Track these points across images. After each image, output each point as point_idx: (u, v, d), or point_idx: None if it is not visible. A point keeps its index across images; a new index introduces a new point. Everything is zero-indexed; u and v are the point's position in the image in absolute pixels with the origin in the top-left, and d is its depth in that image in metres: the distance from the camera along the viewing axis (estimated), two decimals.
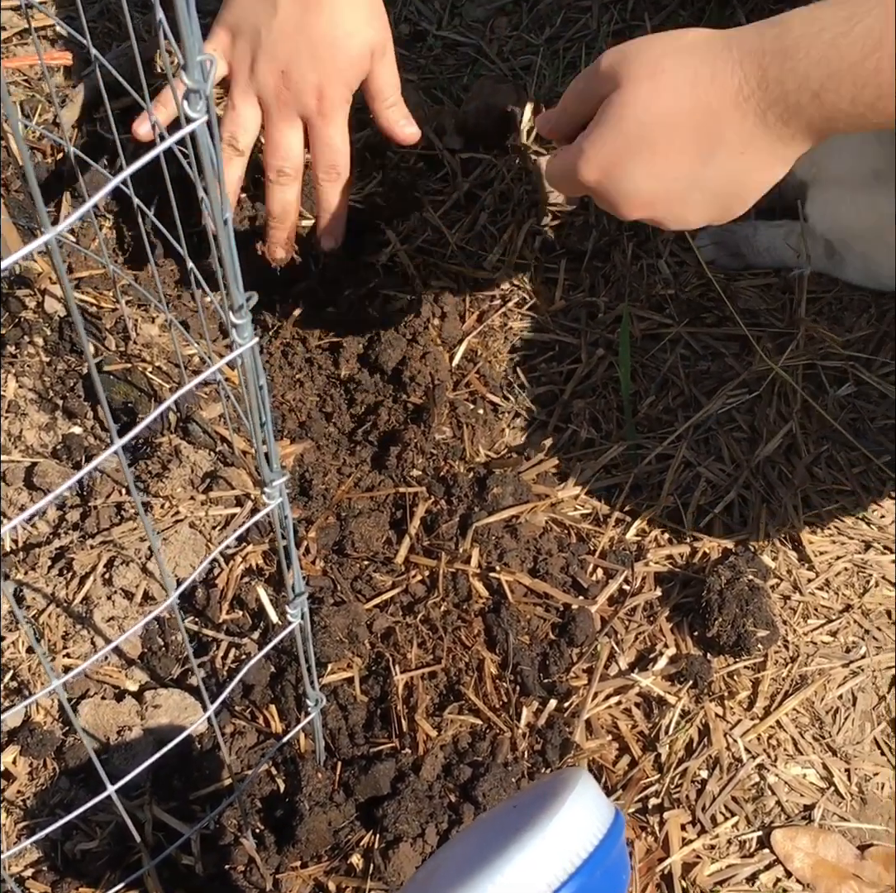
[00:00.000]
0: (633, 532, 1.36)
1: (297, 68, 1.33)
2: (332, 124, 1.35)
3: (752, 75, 0.92)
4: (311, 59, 1.33)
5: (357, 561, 1.32)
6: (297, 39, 1.32)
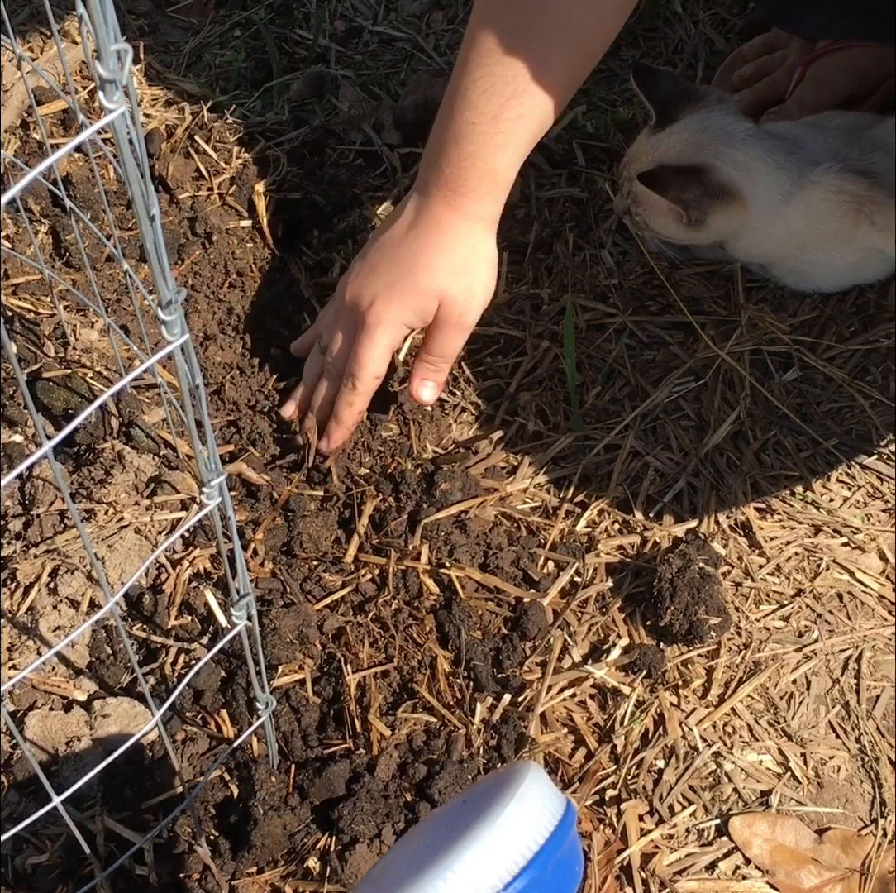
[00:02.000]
0: (584, 523, 1.36)
1: (368, 273, 1.32)
2: (367, 336, 1.32)
3: None
4: (383, 273, 1.31)
5: (306, 561, 1.31)
6: (387, 252, 1.32)
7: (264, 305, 1.52)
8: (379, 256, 1.33)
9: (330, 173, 1.61)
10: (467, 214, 1.29)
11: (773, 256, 1.50)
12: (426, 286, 1.29)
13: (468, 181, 1.27)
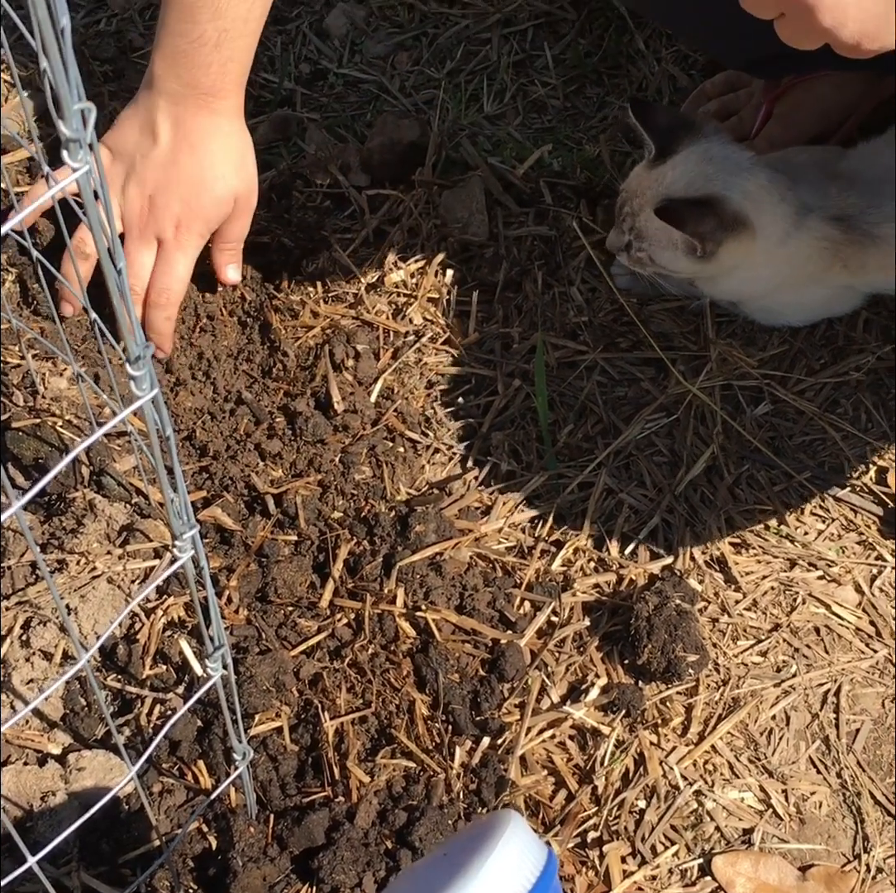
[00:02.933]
0: (559, 563, 1.36)
1: (163, 198, 1.42)
2: (181, 253, 1.44)
3: None
4: (178, 193, 1.42)
5: (281, 607, 1.30)
6: (169, 172, 1.42)
7: (235, 348, 1.51)
8: (160, 175, 1.42)
9: (298, 216, 1.61)
10: (229, 113, 1.43)
11: (750, 295, 1.51)
12: (222, 194, 1.43)
13: (227, 84, 1.41)
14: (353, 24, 1.86)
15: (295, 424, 1.43)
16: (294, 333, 1.53)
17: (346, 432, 1.44)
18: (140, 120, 1.43)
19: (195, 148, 1.41)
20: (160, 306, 1.44)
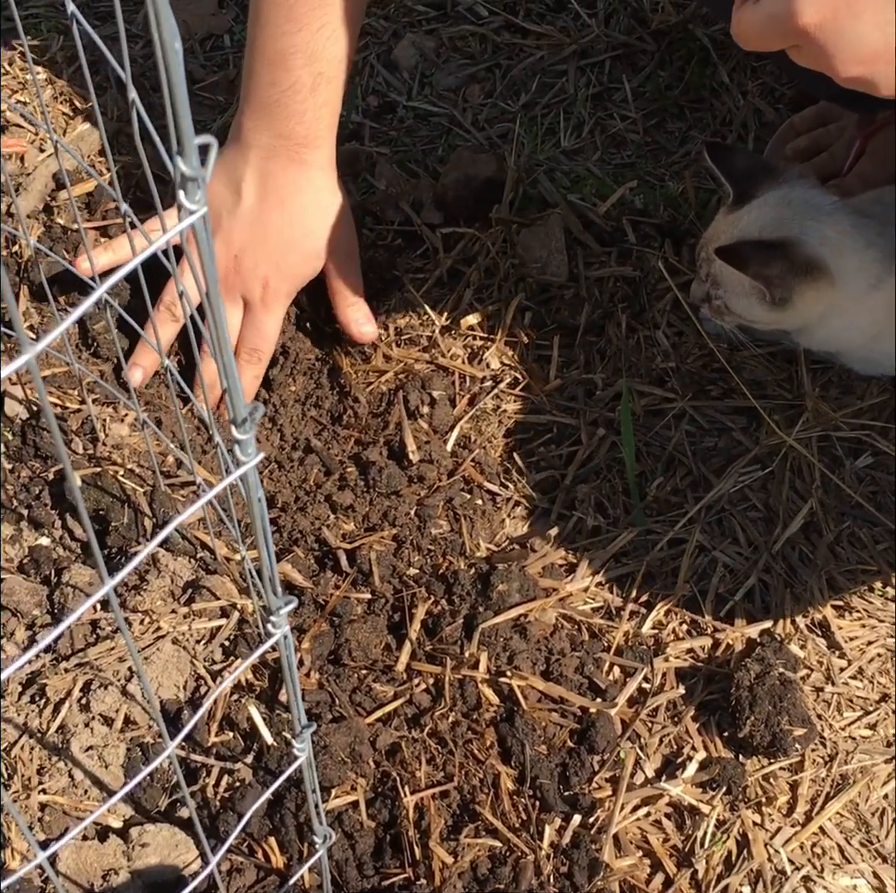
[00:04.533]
0: (650, 625, 1.30)
1: (251, 257, 1.40)
2: (269, 313, 1.43)
3: None
4: (265, 252, 1.40)
5: (355, 671, 1.25)
6: (256, 230, 1.40)
7: (303, 394, 1.47)
8: (247, 234, 1.40)
9: (368, 255, 1.56)
10: (321, 164, 1.41)
11: (847, 345, 1.45)
12: (311, 250, 1.42)
13: (321, 131, 1.38)
14: (423, 56, 1.82)
15: (368, 474, 1.38)
16: (365, 378, 1.48)
17: (421, 484, 1.39)
18: (227, 175, 1.40)
19: (284, 204, 1.39)
20: (251, 365, 1.43)
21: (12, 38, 1.73)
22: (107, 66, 1.71)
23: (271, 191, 1.39)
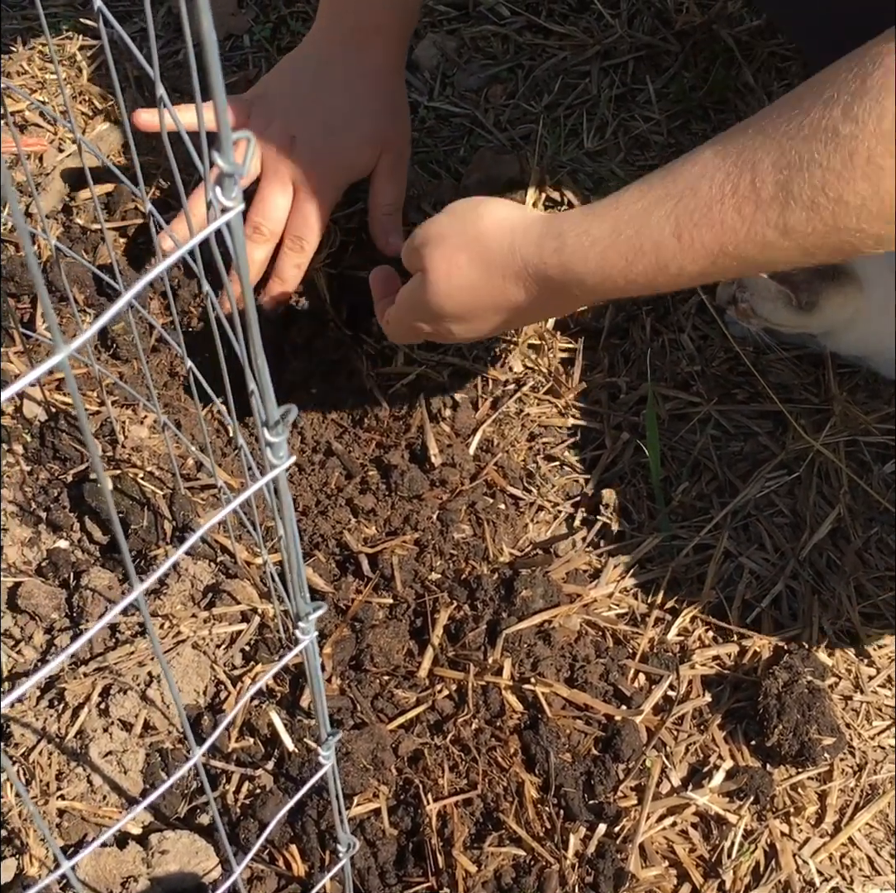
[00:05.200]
0: (675, 632, 1.29)
1: (304, 135, 1.39)
2: (317, 201, 1.40)
3: (538, 283, 1.11)
4: (319, 130, 1.39)
5: (377, 677, 1.24)
6: (314, 110, 1.39)
7: (323, 397, 1.46)
8: (303, 113, 1.40)
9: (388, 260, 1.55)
10: (388, 52, 1.42)
11: (876, 349, 1.43)
12: (369, 136, 1.42)
13: (391, 23, 1.41)
14: (444, 56, 1.81)
15: (389, 478, 1.37)
16: (386, 380, 1.47)
17: (443, 488, 1.38)
18: (294, 66, 1.43)
19: (346, 86, 1.40)
20: (293, 252, 1.42)
21: (31, 37, 1.73)
22: (125, 66, 1.70)
23: (332, 75, 1.40)
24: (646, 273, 1.04)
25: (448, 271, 1.15)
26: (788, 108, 0.94)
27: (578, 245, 1.07)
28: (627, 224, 1.03)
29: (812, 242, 0.96)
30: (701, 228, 0.99)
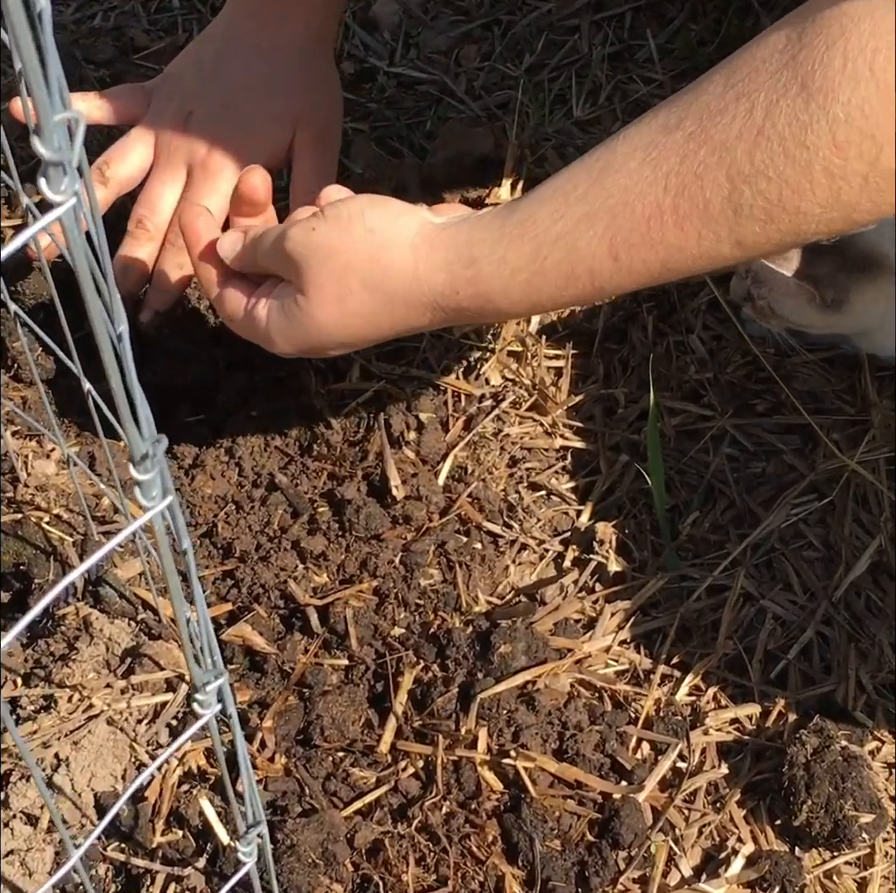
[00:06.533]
0: (685, 691, 1.30)
1: (204, 115, 1.40)
2: (211, 185, 1.40)
3: (448, 313, 1.13)
4: (222, 108, 1.40)
5: (329, 753, 1.24)
6: (213, 83, 1.41)
7: (266, 420, 1.46)
8: (208, 89, 1.42)
9: None
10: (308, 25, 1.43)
11: None
12: (275, 112, 1.42)
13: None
14: (408, 13, 1.82)
15: (343, 515, 1.38)
16: (339, 399, 1.48)
17: (407, 525, 1.38)
18: (199, 45, 1.46)
19: (251, 60, 1.42)
20: (176, 248, 1.41)
21: None
22: None
23: (240, 48, 1.42)
24: (580, 296, 1.10)
25: (339, 295, 1.15)
26: (722, 107, 0.98)
27: (497, 275, 1.09)
28: (553, 247, 1.06)
29: (769, 249, 1.03)
30: (639, 249, 1.03)
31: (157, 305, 1.44)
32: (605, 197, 1.04)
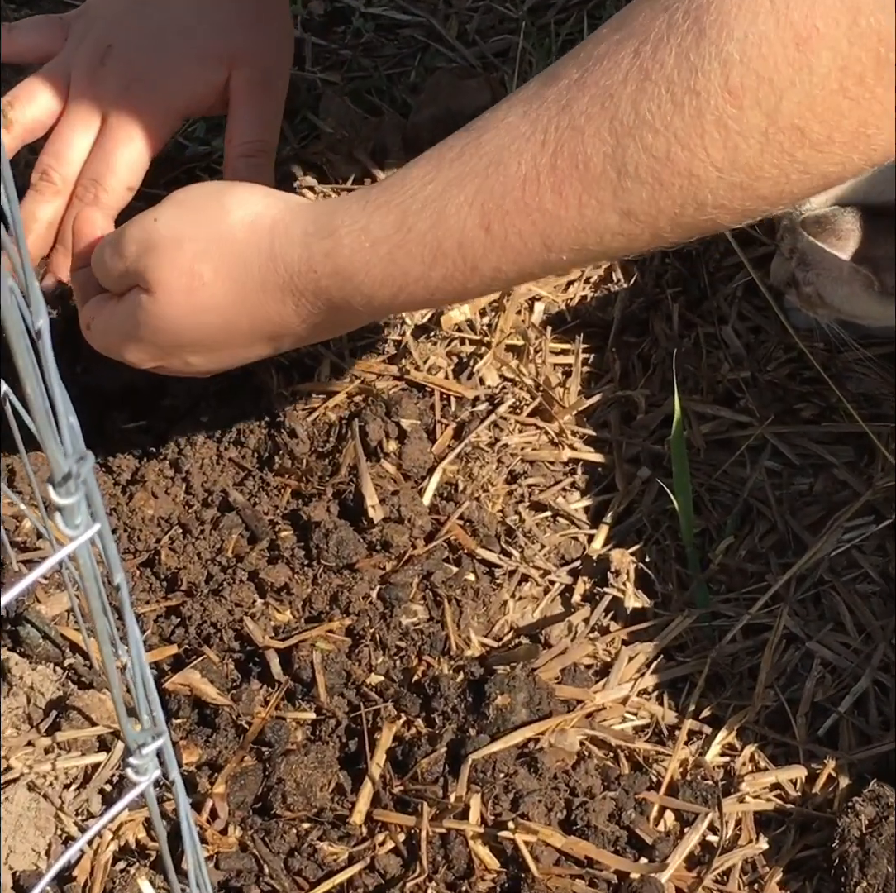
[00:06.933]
0: (717, 751, 1.30)
1: (124, 50, 1.41)
2: (127, 134, 1.40)
3: (310, 297, 1.15)
4: (145, 43, 1.41)
5: (292, 824, 1.25)
6: (139, 18, 1.42)
7: (218, 427, 1.46)
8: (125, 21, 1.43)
9: None
10: None
11: None
12: (203, 49, 1.42)
13: None
14: None
15: (310, 540, 1.39)
16: (306, 402, 1.49)
17: (386, 553, 1.39)
18: None
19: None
20: (86, 203, 1.41)
21: None
22: None
23: None
24: (453, 279, 1.09)
25: (187, 288, 1.16)
26: (610, 51, 0.98)
27: (357, 248, 1.10)
28: (419, 215, 1.07)
29: (663, 224, 1.00)
30: (514, 217, 1.03)
31: (62, 272, 1.44)
32: (479, 156, 1.03)
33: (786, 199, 1.00)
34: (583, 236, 1.02)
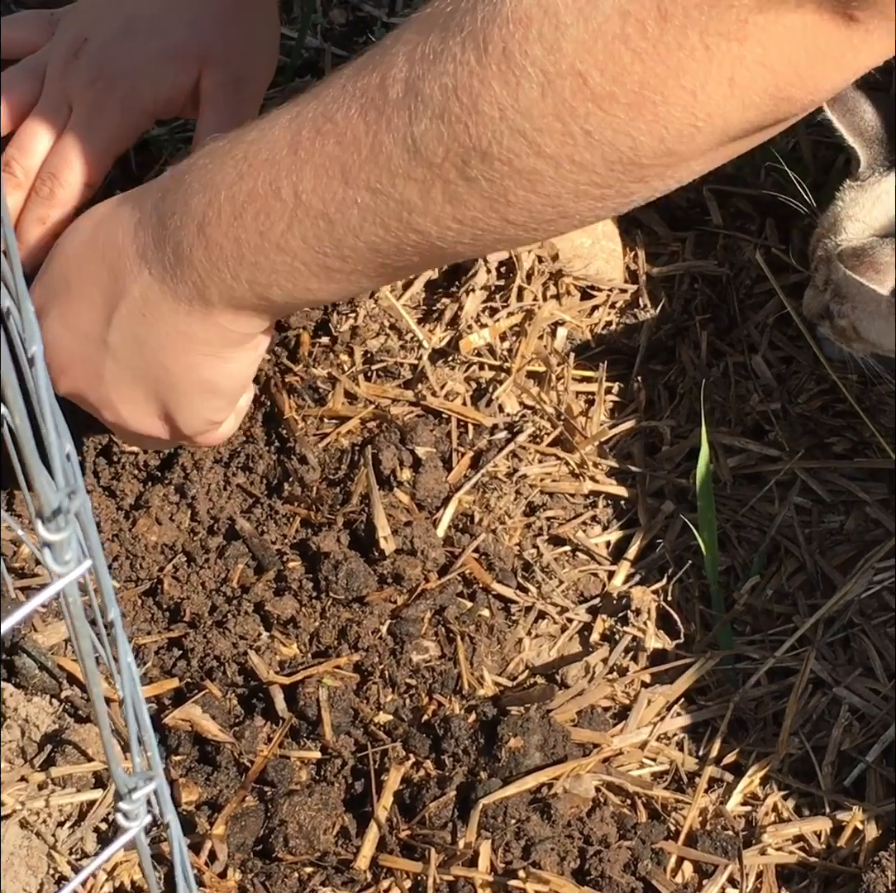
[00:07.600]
0: (738, 800, 1.30)
1: (98, 44, 1.40)
2: (88, 124, 1.39)
3: (149, 226, 1.15)
4: (118, 36, 1.40)
5: (294, 868, 1.25)
6: (116, 12, 1.42)
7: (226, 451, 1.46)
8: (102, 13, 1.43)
9: None
10: None
11: None
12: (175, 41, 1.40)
13: None
14: None
15: (318, 571, 1.39)
16: (318, 428, 1.49)
17: (398, 586, 1.39)
18: None
19: None
20: (40, 198, 1.39)
21: None
22: None
23: None
24: (255, 195, 1.07)
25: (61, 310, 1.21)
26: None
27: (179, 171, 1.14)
28: (248, 134, 1.08)
29: (452, 177, 0.97)
30: (325, 138, 1.02)
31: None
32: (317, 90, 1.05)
33: (575, 171, 0.96)
34: (376, 171, 0.99)
